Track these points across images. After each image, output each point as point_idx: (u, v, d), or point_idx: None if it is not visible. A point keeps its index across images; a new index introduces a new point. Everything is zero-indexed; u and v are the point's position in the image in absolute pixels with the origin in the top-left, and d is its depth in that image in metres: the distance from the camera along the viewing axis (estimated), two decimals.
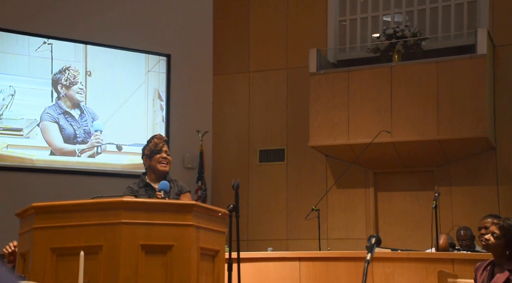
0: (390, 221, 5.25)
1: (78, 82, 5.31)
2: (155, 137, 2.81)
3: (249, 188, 5.77)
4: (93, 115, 5.42)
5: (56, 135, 5.22)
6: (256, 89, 5.92)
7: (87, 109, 5.41)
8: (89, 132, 5.40)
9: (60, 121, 5.24)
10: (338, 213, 5.43)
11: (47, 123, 5.16)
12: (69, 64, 5.33)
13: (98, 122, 5.37)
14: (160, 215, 2.18)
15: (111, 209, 2.16)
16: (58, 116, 5.21)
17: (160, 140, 2.80)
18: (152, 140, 2.80)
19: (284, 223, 5.62)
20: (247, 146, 5.88)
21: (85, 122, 5.38)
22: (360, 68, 5.09)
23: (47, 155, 5.19)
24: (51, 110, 5.21)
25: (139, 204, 2.20)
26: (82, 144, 5.39)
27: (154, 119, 5.71)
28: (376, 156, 5.05)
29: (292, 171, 5.70)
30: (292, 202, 5.64)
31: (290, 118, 5.76)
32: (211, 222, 2.34)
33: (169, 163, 2.79)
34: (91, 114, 5.44)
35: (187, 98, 5.89)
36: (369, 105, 4.96)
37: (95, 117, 5.45)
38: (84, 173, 5.37)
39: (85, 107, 5.40)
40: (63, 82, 5.25)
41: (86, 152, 5.30)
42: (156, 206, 2.22)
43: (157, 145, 2.79)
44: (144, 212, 2.17)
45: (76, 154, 5.25)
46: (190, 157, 5.77)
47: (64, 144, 5.21)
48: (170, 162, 2.81)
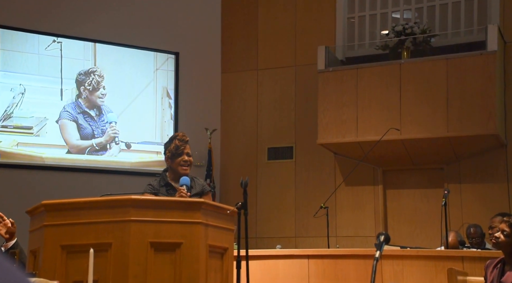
0: (399, 218, 5.22)
1: (101, 87, 5.35)
2: (176, 138, 2.78)
3: (258, 186, 5.76)
4: (110, 113, 5.44)
5: (73, 133, 5.23)
6: (264, 87, 5.90)
7: (105, 110, 5.44)
8: (103, 131, 5.43)
9: (79, 120, 5.26)
10: (346, 211, 5.40)
11: (66, 122, 5.18)
12: (95, 68, 5.36)
13: (112, 114, 5.36)
14: (168, 213, 2.19)
15: (120, 207, 2.18)
16: (77, 116, 5.24)
17: (182, 142, 2.77)
18: (174, 141, 2.77)
19: (293, 221, 5.60)
20: (255, 144, 5.86)
21: (103, 122, 5.40)
22: (369, 65, 5.05)
23: (57, 153, 5.18)
24: (70, 108, 5.23)
25: (148, 201, 2.21)
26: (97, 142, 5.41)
27: (163, 117, 5.70)
28: (385, 153, 5.02)
29: (300, 169, 5.68)
30: (301, 200, 5.62)
31: (298, 116, 5.74)
32: (219, 220, 2.35)
33: (190, 164, 2.79)
34: (107, 113, 5.46)
35: (195, 96, 5.87)
36: (378, 103, 4.92)
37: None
38: (94, 170, 5.36)
39: (103, 107, 5.42)
40: (86, 86, 5.27)
41: (103, 145, 5.26)
42: (164, 203, 2.24)
43: (178, 148, 2.76)
44: (153, 209, 2.18)
45: (93, 147, 5.21)
46: (198, 154, 5.67)
47: (81, 141, 5.21)
48: (191, 163, 2.80)
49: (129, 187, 4.83)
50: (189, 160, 2.78)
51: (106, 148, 5.43)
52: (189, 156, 2.78)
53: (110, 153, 5.49)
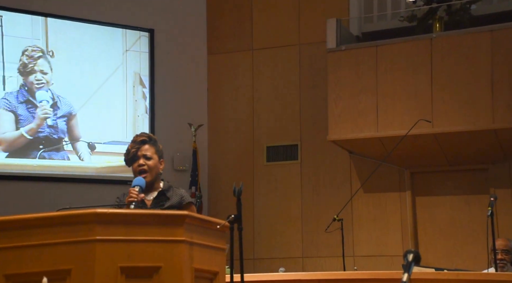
0: (432, 232, 5.23)
1: (38, 69, 5.31)
2: (132, 141, 2.86)
3: (255, 194, 5.80)
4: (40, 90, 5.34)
5: (9, 127, 5.19)
6: (261, 71, 5.92)
7: (60, 99, 5.40)
8: (56, 127, 5.37)
9: (19, 111, 5.24)
10: (366, 224, 5.43)
11: (1, 112, 5.16)
12: (29, 44, 5.31)
13: (42, 92, 5.28)
14: (143, 230, 2.19)
15: (82, 223, 2.17)
16: (18, 106, 5.21)
17: (134, 143, 2.83)
18: (129, 145, 2.87)
19: (299, 237, 5.63)
20: (251, 142, 5.89)
21: (55, 116, 5.37)
22: (392, 41, 5.04)
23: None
24: (11, 97, 5.21)
25: (117, 216, 2.21)
26: (45, 140, 5.33)
27: (136, 111, 5.71)
28: (413, 151, 5.02)
29: (307, 172, 5.70)
30: (309, 211, 5.65)
31: (304, 107, 5.76)
32: (207, 237, 2.37)
33: (150, 169, 2.82)
34: (63, 103, 5.42)
35: (175, 84, 5.89)
36: (403, 88, 4.93)
37: (70, 110, 5.46)
38: (47, 179, 5.34)
39: (58, 98, 5.39)
40: (20, 68, 5.28)
41: (34, 131, 5.21)
42: (138, 218, 2.23)
43: (129, 152, 2.84)
44: (124, 226, 2.18)
45: (24, 137, 5.16)
46: (180, 156, 5.81)
47: (8, 133, 5.18)
48: (151, 168, 2.82)
49: (93, 199, 4.92)
50: (147, 164, 2.80)
51: (59, 148, 5.41)
52: (147, 159, 2.81)
53: (69, 157, 5.47)
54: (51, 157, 5.38)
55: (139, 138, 2.86)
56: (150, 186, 2.84)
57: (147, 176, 2.80)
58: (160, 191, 2.83)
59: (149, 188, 2.84)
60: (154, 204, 2.80)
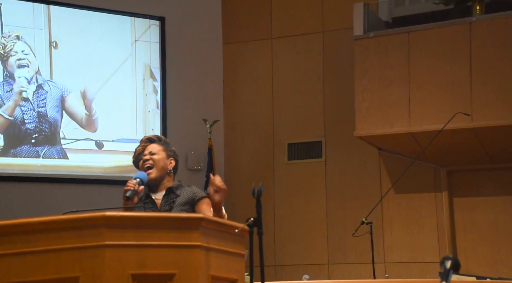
0: (473, 237, 5.19)
1: (16, 52, 5.25)
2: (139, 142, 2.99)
3: (276, 195, 5.80)
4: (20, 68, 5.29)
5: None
6: (281, 61, 5.92)
7: (51, 85, 5.36)
8: (44, 115, 5.34)
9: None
10: (398, 227, 5.40)
11: None
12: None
13: (21, 70, 5.23)
14: (156, 234, 2.20)
15: (90, 228, 2.18)
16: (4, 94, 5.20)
17: (141, 142, 2.96)
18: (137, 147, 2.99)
19: (324, 241, 5.62)
20: (271, 139, 5.91)
21: (43, 102, 5.30)
22: (426, 27, 4.98)
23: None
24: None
25: (127, 219, 2.21)
26: (34, 131, 5.29)
27: (146, 106, 5.71)
28: (450, 147, 4.98)
29: (333, 171, 5.69)
30: (335, 213, 5.64)
31: (328, 100, 5.75)
32: (225, 242, 2.38)
33: (156, 164, 2.90)
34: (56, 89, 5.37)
35: (189, 77, 5.89)
36: (438, 78, 4.87)
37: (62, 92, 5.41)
38: (52, 180, 5.35)
39: (49, 83, 5.35)
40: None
41: (11, 108, 5.15)
42: (150, 221, 2.23)
43: (135, 152, 2.97)
44: (135, 230, 2.19)
45: (4, 118, 5.09)
46: (195, 155, 5.81)
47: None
48: (156, 162, 2.90)
49: (101, 201, 4.86)
50: (151, 158, 2.90)
51: (54, 141, 5.35)
52: (152, 154, 2.91)
53: (76, 156, 5.45)
54: (51, 155, 5.36)
55: (146, 137, 2.99)
56: (159, 184, 2.88)
57: (152, 171, 2.86)
58: (168, 188, 2.86)
59: (158, 186, 2.88)
60: (163, 203, 2.83)
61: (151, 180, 2.86)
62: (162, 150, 2.93)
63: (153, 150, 2.91)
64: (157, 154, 2.90)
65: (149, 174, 2.85)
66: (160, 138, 2.98)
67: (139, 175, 2.81)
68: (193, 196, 2.84)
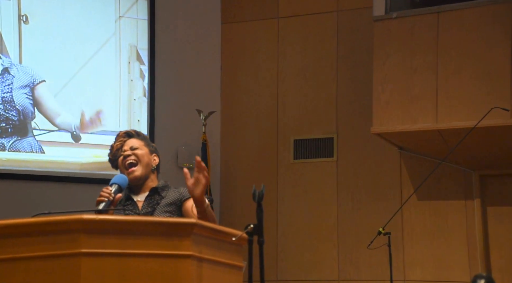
0: (509, 252, 5.12)
1: None
2: (115, 138, 2.99)
3: (279, 199, 5.73)
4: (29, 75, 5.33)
5: None
6: (289, 44, 5.83)
7: (20, 70, 5.28)
8: (10, 101, 5.26)
9: None
10: (421, 240, 5.29)
11: None
12: None
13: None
14: (141, 241, 2.21)
15: (64, 233, 2.18)
16: None
17: (118, 137, 2.95)
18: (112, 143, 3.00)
19: (334, 254, 5.54)
20: (275, 134, 5.83)
21: (8, 87, 5.23)
22: (458, 6, 4.91)
23: None
24: None
25: (108, 223, 2.22)
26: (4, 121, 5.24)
27: (131, 94, 5.64)
28: (484, 148, 4.93)
29: (345, 173, 5.60)
30: (347, 221, 5.55)
31: (342, 90, 5.66)
32: (220, 252, 2.39)
33: (140, 160, 2.87)
34: (25, 74, 5.31)
35: (181, 60, 5.85)
36: (472, 66, 4.80)
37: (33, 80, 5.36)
38: (20, 176, 5.28)
39: (17, 67, 5.27)
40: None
41: None
42: (134, 226, 2.23)
43: (112, 148, 2.94)
44: (117, 236, 2.20)
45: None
46: (187, 151, 5.77)
47: None
48: (141, 158, 2.88)
49: (77, 202, 4.85)
50: (134, 154, 2.87)
51: (24, 133, 5.27)
52: (133, 149, 2.88)
53: (49, 150, 5.35)
54: (20, 148, 5.30)
55: (123, 131, 2.95)
56: (142, 184, 2.86)
57: (136, 169, 2.83)
58: (152, 188, 2.85)
59: (141, 186, 2.86)
60: (145, 205, 2.83)
61: (135, 179, 2.82)
62: (144, 145, 2.90)
63: (134, 144, 2.88)
64: (139, 149, 2.87)
65: (132, 172, 2.81)
66: (138, 133, 2.96)
67: (117, 180, 2.74)
68: (179, 196, 2.83)
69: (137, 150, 2.85)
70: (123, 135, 2.91)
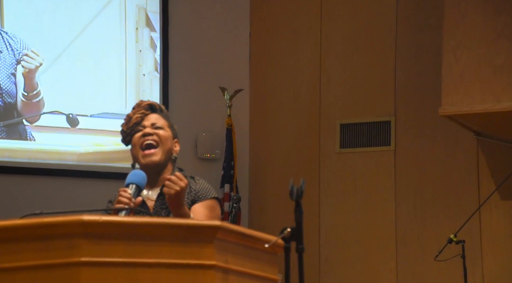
0: None
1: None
2: (134, 107, 2.98)
3: (322, 196, 5.62)
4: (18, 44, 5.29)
5: None
6: (335, 4, 5.70)
7: (6, 40, 5.30)
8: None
9: None
10: (504, 249, 5.10)
11: None
12: None
13: None
14: (153, 248, 2.20)
15: (60, 238, 2.17)
16: None
17: (138, 108, 2.91)
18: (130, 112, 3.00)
19: (392, 265, 5.37)
20: (317, 117, 5.72)
21: None
22: None
23: None
24: None
25: (113, 226, 2.21)
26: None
27: (139, 68, 5.63)
28: None
29: (406, 165, 5.41)
30: (408, 225, 5.37)
31: (402, 62, 5.46)
32: (250, 261, 2.38)
33: (162, 143, 2.84)
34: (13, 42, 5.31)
35: (201, 26, 5.81)
36: None
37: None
38: (4, 169, 5.21)
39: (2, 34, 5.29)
40: None
41: None
42: (145, 230, 2.22)
43: (130, 119, 2.90)
44: (124, 242, 2.19)
45: None
46: (208, 138, 5.77)
47: None
48: (163, 141, 2.84)
49: (75, 200, 4.97)
50: (156, 134, 2.84)
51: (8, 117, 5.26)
52: (156, 128, 2.85)
53: (40, 136, 5.34)
54: (4, 135, 5.27)
55: (146, 102, 2.91)
56: (155, 176, 2.82)
57: (155, 153, 2.80)
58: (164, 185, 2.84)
59: (154, 178, 2.82)
60: (158, 206, 2.82)
61: (152, 164, 2.80)
62: (168, 125, 2.88)
63: (157, 122, 2.85)
64: (163, 129, 2.85)
65: (150, 155, 2.79)
66: (162, 109, 2.92)
67: (134, 178, 2.71)
68: (195, 197, 2.84)
69: (160, 130, 2.82)
70: (146, 107, 2.86)
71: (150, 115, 2.87)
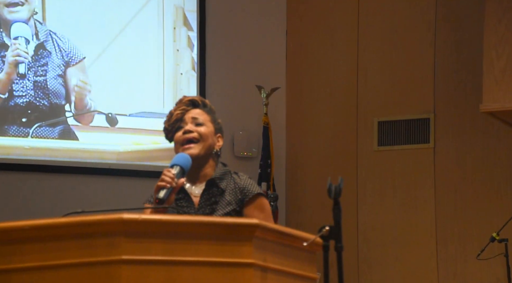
0: None
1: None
2: (176, 103, 3.01)
3: (360, 195, 5.62)
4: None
5: None
6: (371, 6, 5.69)
7: (55, 41, 5.35)
8: (44, 87, 5.30)
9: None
10: None
11: None
12: None
13: (18, 25, 5.19)
14: (192, 246, 2.22)
15: (101, 236, 2.20)
16: None
17: (180, 104, 2.93)
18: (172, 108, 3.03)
19: (433, 264, 5.35)
20: (354, 115, 5.71)
21: (43, 68, 5.30)
22: None
23: None
24: None
25: (153, 225, 2.22)
26: (27, 107, 5.23)
27: (177, 67, 5.65)
28: None
29: (446, 162, 5.40)
30: (448, 223, 5.35)
31: (442, 58, 5.43)
32: (288, 260, 2.39)
33: (202, 138, 2.85)
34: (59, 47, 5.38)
35: (238, 24, 5.85)
36: None
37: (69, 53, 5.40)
38: (46, 168, 5.27)
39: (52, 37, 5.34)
40: None
41: (7, 86, 5.22)
42: (185, 228, 2.24)
43: (171, 115, 2.93)
44: (163, 240, 2.21)
45: None
46: (245, 136, 5.79)
47: None
48: (203, 136, 2.86)
49: (114, 198, 5.05)
50: (197, 131, 2.85)
51: (56, 121, 5.34)
52: (198, 124, 2.86)
53: (81, 135, 5.40)
54: (46, 134, 5.32)
55: (188, 98, 2.93)
56: (199, 171, 2.84)
57: (194, 147, 2.82)
58: (209, 180, 2.83)
59: (197, 173, 2.83)
60: (203, 202, 2.82)
61: (191, 162, 2.83)
62: (210, 120, 2.87)
63: (199, 117, 2.85)
64: (204, 125, 2.84)
65: (188, 148, 2.81)
66: (205, 104, 2.92)
67: (179, 160, 2.73)
68: (243, 193, 2.83)
69: (201, 126, 2.82)
70: (187, 102, 2.87)
71: (192, 110, 2.88)
